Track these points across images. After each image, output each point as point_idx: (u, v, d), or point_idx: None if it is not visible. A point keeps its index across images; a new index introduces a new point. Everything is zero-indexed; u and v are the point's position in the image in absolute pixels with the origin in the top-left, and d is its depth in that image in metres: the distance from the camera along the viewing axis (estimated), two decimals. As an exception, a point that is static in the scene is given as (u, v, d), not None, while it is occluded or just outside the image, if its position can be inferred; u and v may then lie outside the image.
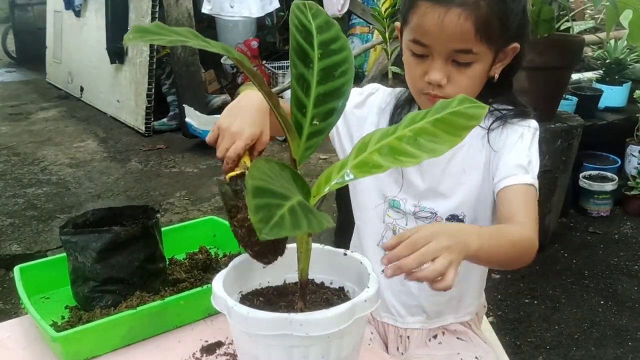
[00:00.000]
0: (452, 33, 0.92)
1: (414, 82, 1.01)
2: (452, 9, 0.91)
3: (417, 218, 1.09)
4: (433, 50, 0.95)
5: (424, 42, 0.95)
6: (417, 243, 0.73)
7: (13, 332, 1.01)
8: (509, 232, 0.92)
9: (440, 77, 0.96)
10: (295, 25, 0.74)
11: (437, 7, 0.92)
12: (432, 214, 1.08)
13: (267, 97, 0.64)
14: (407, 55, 1.01)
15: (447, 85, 0.97)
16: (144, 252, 1.05)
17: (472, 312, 1.15)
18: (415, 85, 1.01)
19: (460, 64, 0.96)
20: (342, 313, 0.73)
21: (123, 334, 0.95)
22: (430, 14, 0.93)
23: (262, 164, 0.58)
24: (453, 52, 0.95)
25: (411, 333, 1.14)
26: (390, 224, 1.11)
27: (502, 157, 1.02)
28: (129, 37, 0.55)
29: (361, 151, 0.72)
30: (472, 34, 0.93)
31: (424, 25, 0.94)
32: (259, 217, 0.50)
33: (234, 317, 0.75)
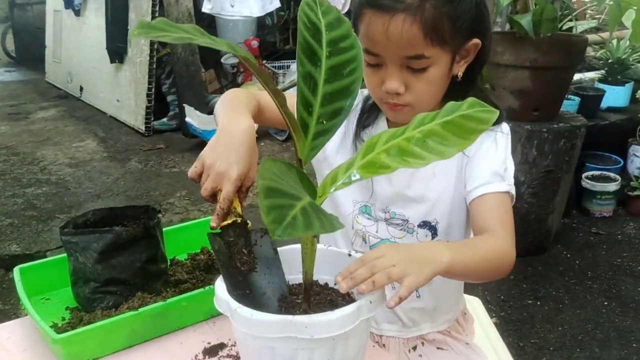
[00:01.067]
0: (399, 40, 0.88)
1: (373, 91, 0.98)
2: (396, 15, 0.87)
3: (389, 225, 1.06)
4: (385, 59, 0.92)
5: (374, 51, 0.92)
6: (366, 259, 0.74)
7: (13, 333, 0.99)
8: (483, 245, 0.90)
9: (396, 86, 0.92)
10: (304, 23, 0.73)
11: (381, 14, 0.88)
12: (403, 221, 1.05)
13: (273, 95, 0.63)
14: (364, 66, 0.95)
15: (406, 93, 0.93)
16: (145, 253, 1.04)
17: (449, 319, 1.13)
18: (375, 94, 0.98)
19: (415, 70, 0.92)
20: (348, 315, 0.72)
21: (124, 336, 0.94)
22: (375, 22, 0.89)
23: (271, 164, 0.57)
24: (405, 59, 0.91)
25: (387, 341, 1.11)
26: (359, 230, 1.08)
27: (476, 164, 1.00)
28: (135, 32, 0.54)
29: (369, 151, 0.71)
30: (421, 39, 0.88)
31: (371, 35, 0.90)
32: (271, 218, 0.49)
33: (237, 319, 0.74)
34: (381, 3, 0.88)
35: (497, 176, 0.98)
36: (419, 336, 1.11)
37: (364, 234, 1.08)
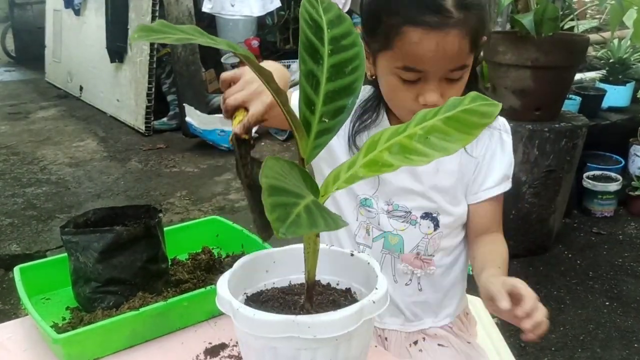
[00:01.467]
0: (451, 55, 0.89)
1: (403, 105, 0.97)
2: (450, 31, 0.88)
3: (391, 217, 1.07)
4: (428, 74, 0.92)
5: (419, 68, 0.91)
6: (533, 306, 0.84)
7: (14, 333, 0.99)
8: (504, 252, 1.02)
9: (437, 99, 0.92)
10: (305, 20, 0.72)
11: (434, 32, 0.88)
12: (406, 212, 1.06)
13: (275, 94, 0.63)
14: (392, 81, 0.96)
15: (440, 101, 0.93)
16: (146, 253, 1.03)
17: (451, 314, 1.14)
18: (405, 108, 0.98)
19: (452, 80, 0.93)
20: (351, 315, 0.72)
21: (125, 336, 0.94)
22: (426, 40, 0.89)
23: (274, 163, 0.57)
24: (448, 72, 0.92)
25: (389, 334, 1.12)
26: (363, 222, 1.09)
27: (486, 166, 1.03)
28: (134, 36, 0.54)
29: (370, 150, 0.70)
30: (468, 50, 0.91)
31: (419, 52, 0.90)
32: (275, 216, 0.49)
33: (239, 319, 0.74)
34: (430, 21, 0.88)
35: (505, 178, 1.03)
36: (420, 330, 1.11)
37: (367, 226, 1.08)
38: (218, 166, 3.67)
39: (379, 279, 0.79)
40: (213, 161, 3.75)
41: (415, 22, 0.88)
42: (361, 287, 0.85)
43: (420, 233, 1.07)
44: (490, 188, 1.03)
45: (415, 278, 1.09)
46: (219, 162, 3.72)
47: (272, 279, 0.89)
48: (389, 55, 0.94)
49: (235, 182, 3.40)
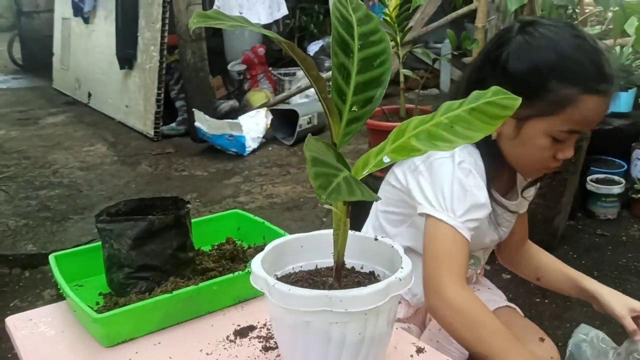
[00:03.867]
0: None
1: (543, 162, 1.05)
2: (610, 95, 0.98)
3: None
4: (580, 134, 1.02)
5: (584, 130, 1.00)
6: None
7: (51, 317, 1.04)
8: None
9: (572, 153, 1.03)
10: (337, 17, 0.78)
11: (606, 99, 0.98)
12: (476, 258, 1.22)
13: (314, 81, 0.68)
14: (544, 143, 1.01)
15: None
16: (176, 241, 1.08)
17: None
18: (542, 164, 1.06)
19: None
20: (379, 290, 0.77)
21: (159, 318, 0.98)
22: (601, 106, 0.98)
23: (314, 141, 0.62)
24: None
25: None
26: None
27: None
28: (193, 21, 0.59)
29: (399, 137, 0.76)
30: None
31: (592, 117, 0.98)
32: (318, 183, 0.54)
33: (274, 294, 0.78)
34: (603, 89, 0.97)
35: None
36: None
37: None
38: (227, 170, 3.72)
39: (404, 259, 0.85)
40: (222, 165, 3.80)
41: (595, 91, 0.97)
42: (385, 270, 0.90)
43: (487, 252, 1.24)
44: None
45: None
46: (228, 166, 3.78)
47: (299, 263, 0.94)
48: (550, 120, 0.99)
49: (244, 185, 3.45)
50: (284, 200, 3.17)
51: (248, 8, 4.41)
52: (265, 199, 3.20)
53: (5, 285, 2.41)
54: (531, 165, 1.07)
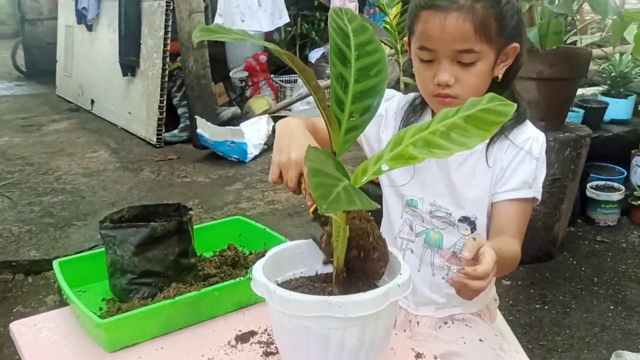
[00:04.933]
0: (452, 34, 1.01)
1: (425, 86, 1.09)
2: (451, 12, 1.01)
3: (432, 217, 1.16)
4: (438, 54, 1.04)
5: (429, 46, 1.04)
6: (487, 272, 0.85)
7: (54, 322, 1.05)
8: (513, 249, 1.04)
9: (448, 77, 1.04)
10: (334, 29, 0.80)
11: (438, 13, 1.02)
12: (446, 214, 1.15)
13: (313, 91, 0.70)
14: (416, 63, 1.09)
15: (456, 85, 1.05)
16: (178, 247, 1.10)
17: (481, 302, 1.22)
18: (426, 88, 1.09)
19: (465, 64, 1.04)
20: (378, 296, 0.78)
21: (162, 323, 1.00)
22: (432, 20, 1.02)
23: (314, 151, 0.64)
24: (457, 53, 1.03)
25: (421, 319, 1.21)
26: (407, 219, 1.20)
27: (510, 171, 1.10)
28: (197, 35, 0.61)
29: (397, 145, 0.77)
30: (472, 34, 1.01)
31: (427, 31, 1.03)
32: (319, 194, 0.55)
33: (275, 300, 0.80)
34: (438, 4, 1.02)
35: (526, 185, 1.09)
36: (450, 315, 1.20)
37: (411, 223, 1.19)
38: (229, 176, 3.74)
39: (402, 266, 0.86)
40: (223, 171, 3.82)
41: (429, 6, 1.03)
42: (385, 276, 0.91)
43: (459, 234, 1.16)
44: (510, 191, 1.09)
45: (451, 273, 1.17)
46: (229, 172, 3.80)
47: (300, 269, 0.95)
48: (413, 40, 1.09)
49: (245, 191, 3.47)
50: (285, 207, 3.19)
51: (250, 16, 4.44)
52: (266, 205, 3.22)
53: (8, 291, 2.42)
54: (421, 89, 1.12)
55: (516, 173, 1.10)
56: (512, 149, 1.11)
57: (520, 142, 1.11)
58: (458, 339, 1.13)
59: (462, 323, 1.19)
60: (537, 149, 1.11)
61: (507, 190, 1.10)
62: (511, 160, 1.11)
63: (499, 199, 1.10)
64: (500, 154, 1.12)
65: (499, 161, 1.11)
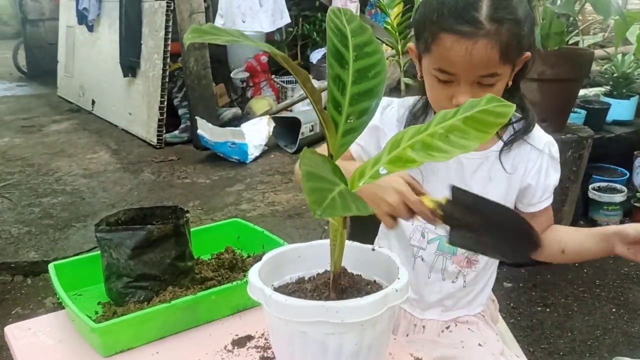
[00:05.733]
0: (479, 62, 0.97)
1: (439, 103, 1.06)
2: (478, 40, 0.96)
3: None
4: (459, 77, 1.00)
5: (450, 71, 1.00)
6: None
7: (49, 326, 1.04)
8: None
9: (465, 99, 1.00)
10: (332, 29, 0.79)
11: (464, 40, 0.96)
12: None
13: (309, 93, 0.69)
14: (431, 80, 1.06)
15: None
16: (175, 250, 1.09)
17: (483, 303, 1.23)
18: (440, 105, 1.06)
19: (484, 85, 1.01)
20: (376, 301, 0.77)
21: (158, 327, 0.99)
22: (457, 47, 0.97)
23: (310, 155, 0.62)
24: (479, 77, 1.00)
25: (427, 323, 1.20)
26: (419, 226, 1.16)
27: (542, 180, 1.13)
28: (188, 36, 0.60)
29: (394, 147, 0.76)
30: (497, 60, 0.98)
31: (451, 57, 0.98)
32: (313, 199, 0.54)
33: (271, 305, 0.79)
34: (463, 30, 0.96)
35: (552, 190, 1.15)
36: (453, 319, 1.20)
37: (423, 230, 1.16)
38: (229, 177, 3.73)
39: (400, 270, 0.85)
40: (224, 173, 3.81)
41: (450, 30, 0.98)
42: (383, 280, 0.90)
43: None
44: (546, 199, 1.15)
45: (461, 276, 1.18)
46: (230, 173, 3.78)
47: (297, 273, 0.94)
48: (428, 58, 1.04)
49: (246, 192, 3.45)
50: (285, 208, 3.17)
51: (251, 16, 4.43)
52: (267, 207, 3.21)
53: (7, 292, 2.41)
54: (434, 104, 1.09)
55: (549, 180, 1.13)
56: (535, 153, 1.13)
57: (542, 146, 1.13)
58: (457, 343, 1.12)
59: (465, 326, 1.18)
60: (556, 154, 1.15)
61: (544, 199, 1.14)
62: (539, 167, 1.13)
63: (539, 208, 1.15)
64: (520, 159, 1.13)
65: (521, 167, 1.13)
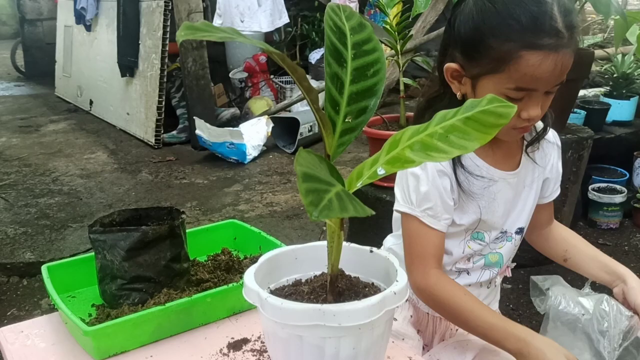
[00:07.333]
0: (560, 73, 0.95)
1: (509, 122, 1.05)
2: (562, 51, 0.93)
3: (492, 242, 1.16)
4: (536, 92, 0.97)
5: (531, 87, 0.96)
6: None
7: (42, 329, 1.03)
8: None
9: (540, 112, 0.99)
10: (330, 27, 0.77)
11: (550, 54, 0.93)
12: (502, 233, 1.15)
13: (306, 92, 0.67)
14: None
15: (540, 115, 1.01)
16: (170, 252, 1.07)
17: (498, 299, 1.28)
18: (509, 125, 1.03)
19: (550, 93, 0.99)
20: (374, 305, 0.75)
21: (152, 330, 0.97)
22: (545, 62, 0.93)
23: (306, 155, 0.61)
24: (552, 87, 0.98)
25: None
26: (469, 253, 1.15)
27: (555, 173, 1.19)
28: (181, 34, 0.58)
29: (393, 148, 0.74)
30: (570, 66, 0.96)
31: (537, 74, 0.94)
32: (309, 200, 0.52)
33: (267, 308, 0.77)
34: (548, 44, 0.93)
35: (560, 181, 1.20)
36: None
37: (472, 255, 1.15)
38: (227, 178, 3.71)
39: (399, 272, 0.83)
40: (222, 173, 3.79)
41: (535, 46, 0.93)
42: (381, 282, 0.88)
43: (514, 246, 1.17)
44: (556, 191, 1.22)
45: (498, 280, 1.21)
46: (228, 174, 3.77)
47: (293, 275, 0.92)
48: (497, 78, 0.98)
49: (244, 193, 3.44)
50: (284, 209, 3.16)
51: (249, 16, 4.41)
52: (265, 207, 3.19)
53: (2, 293, 2.39)
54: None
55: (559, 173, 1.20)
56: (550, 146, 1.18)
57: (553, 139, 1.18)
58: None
59: None
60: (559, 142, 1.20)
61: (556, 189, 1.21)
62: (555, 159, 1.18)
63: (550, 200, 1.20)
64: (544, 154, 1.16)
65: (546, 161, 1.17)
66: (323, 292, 0.85)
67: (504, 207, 1.12)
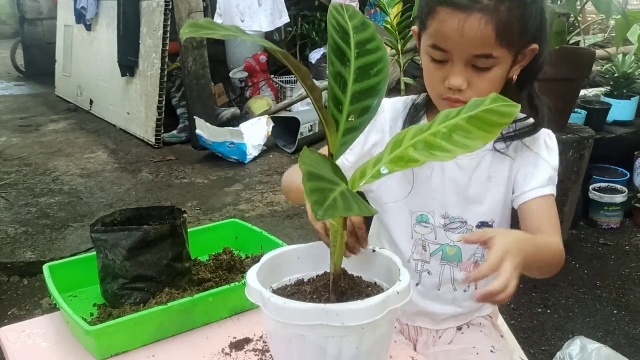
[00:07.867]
0: (472, 39, 0.92)
1: (433, 87, 1.01)
2: (473, 14, 0.91)
3: (447, 230, 1.10)
4: (453, 56, 0.95)
5: (444, 47, 0.96)
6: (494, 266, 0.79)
7: (44, 328, 1.02)
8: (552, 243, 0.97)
9: (460, 82, 0.96)
10: (333, 26, 0.77)
11: (458, 13, 0.92)
12: (462, 223, 1.09)
13: (309, 91, 0.67)
14: (426, 61, 1.01)
15: (468, 90, 0.97)
16: (172, 251, 1.07)
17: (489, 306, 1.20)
18: (435, 90, 1.02)
19: (480, 69, 0.96)
20: (377, 304, 0.75)
21: (154, 330, 0.97)
22: (451, 20, 0.93)
23: (310, 154, 0.61)
24: (473, 57, 0.95)
25: (443, 332, 1.16)
26: (419, 239, 1.12)
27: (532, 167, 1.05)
28: (185, 31, 0.58)
29: (396, 147, 0.74)
30: (493, 39, 0.93)
31: (444, 31, 0.94)
32: (314, 199, 0.52)
33: (270, 308, 0.77)
34: (459, 2, 0.92)
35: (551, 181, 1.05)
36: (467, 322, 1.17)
37: (424, 242, 1.11)
38: (228, 178, 3.71)
39: (402, 272, 0.83)
40: (223, 173, 3.79)
41: (447, 2, 0.93)
42: (384, 282, 0.88)
43: None
44: (537, 188, 1.04)
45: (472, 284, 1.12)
46: (229, 173, 3.76)
47: (296, 275, 0.92)
48: (425, 36, 1.00)
49: (244, 192, 3.43)
50: (284, 209, 3.15)
51: (250, 16, 4.41)
52: (266, 207, 3.19)
53: (3, 293, 2.39)
54: (429, 89, 1.04)
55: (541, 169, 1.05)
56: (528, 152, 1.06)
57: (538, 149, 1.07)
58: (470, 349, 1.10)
59: (477, 328, 1.16)
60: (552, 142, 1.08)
61: (534, 188, 1.04)
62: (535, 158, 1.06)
63: (528, 199, 1.04)
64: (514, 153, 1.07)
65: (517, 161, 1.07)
66: (326, 291, 0.85)
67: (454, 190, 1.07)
